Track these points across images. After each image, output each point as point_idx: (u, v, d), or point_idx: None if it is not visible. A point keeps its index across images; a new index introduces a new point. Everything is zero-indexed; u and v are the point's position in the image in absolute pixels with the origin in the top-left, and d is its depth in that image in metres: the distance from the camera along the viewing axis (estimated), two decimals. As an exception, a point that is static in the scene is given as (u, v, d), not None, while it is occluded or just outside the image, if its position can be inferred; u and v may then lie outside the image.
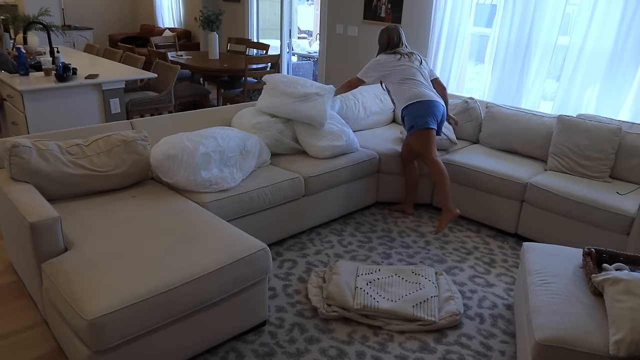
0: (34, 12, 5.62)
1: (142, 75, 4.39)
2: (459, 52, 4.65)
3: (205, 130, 2.97)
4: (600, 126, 3.33)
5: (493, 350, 2.36)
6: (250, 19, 7.35)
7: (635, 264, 2.19)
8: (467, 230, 3.56)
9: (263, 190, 2.96)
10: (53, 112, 3.72)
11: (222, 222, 2.45)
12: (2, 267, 2.84)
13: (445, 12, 4.62)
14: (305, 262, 3.04)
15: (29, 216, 2.05)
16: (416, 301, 2.54)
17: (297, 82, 3.47)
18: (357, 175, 3.53)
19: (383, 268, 2.84)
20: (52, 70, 3.93)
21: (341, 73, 5.97)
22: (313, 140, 3.42)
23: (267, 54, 6.23)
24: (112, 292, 1.85)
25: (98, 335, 1.78)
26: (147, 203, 2.60)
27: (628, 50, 3.60)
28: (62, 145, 2.59)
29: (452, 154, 3.73)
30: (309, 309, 2.59)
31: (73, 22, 8.77)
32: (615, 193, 3.08)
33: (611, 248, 2.89)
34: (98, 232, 2.26)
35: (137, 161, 2.75)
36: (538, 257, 2.37)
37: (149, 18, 9.44)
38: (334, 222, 3.58)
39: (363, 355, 2.28)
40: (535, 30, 4.04)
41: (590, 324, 1.90)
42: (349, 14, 5.70)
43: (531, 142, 3.66)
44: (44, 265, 2.08)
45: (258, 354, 2.27)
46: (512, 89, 4.28)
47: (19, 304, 2.54)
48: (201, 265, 2.07)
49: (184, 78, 6.31)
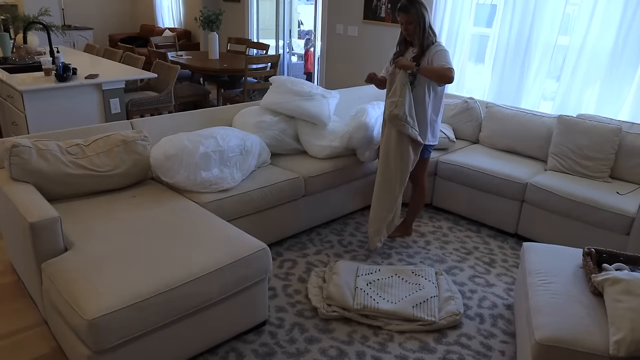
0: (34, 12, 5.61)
1: (142, 75, 4.39)
2: (459, 52, 4.65)
3: (205, 130, 2.97)
4: (600, 126, 3.33)
5: (493, 350, 2.36)
6: (250, 19, 7.35)
7: (635, 264, 2.19)
8: (467, 230, 3.56)
9: (263, 190, 2.96)
10: (53, 112, 3.71)
11: (222, 222, 2.45)
12: (2, 267, 2.84)
13: (445, 12, 4.62)
14: (305, 262, 3.04)
15: (29, 216, 2.05)
16: (416, 301, 2.54)
17: (304, 83, 3.51)
18: (357, 175, 3.53)
19: (383, 268, 2.84)
20: (52, 70, 3.92)
21: (341, 73, 5.98)
22: (313, 139, 3.42)
23: (267, 54, 6.23)
24: (112, 292, 1.86)
25: (98, 335, 1.78)
26: (147, 203, 2.60)
27: (628, 50, 3.60)
28: (62, 145, 2.59)
29: (452, 153, 3.73)
30: (309, 309, 2.58)
31: (73, 22, 8.76)
32: (615, 193, 3.08)
33: (611, 248, 2.88)
34: (98, 232, 2.26)
35: (137, 161, 2.75)
36: (538, 257, 2.38)
37: (149, 18, 9.43)
38: (334, 222, 3.58)
39: (363, 355, 2.28)
40: (535, 30, 4.04)
41: (590, 324, 1.90)
42: (349, 14, 5.70)
43: (531, 142, 3.66)
44: (44, 265, 2.08)
45: (258, 354, 2.27)
46: (512, 89, 4.27)
47: (19, 304, 2.54)
48: (201, 265, 2.07)
49: (184, 78, 6.31)
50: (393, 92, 2.85)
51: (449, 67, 2.79)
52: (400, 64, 2.83)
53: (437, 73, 2.80)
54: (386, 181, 2.98)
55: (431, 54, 2.85)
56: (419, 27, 2.85)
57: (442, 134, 3.75)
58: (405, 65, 2.82)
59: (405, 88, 2.82)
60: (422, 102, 2.95)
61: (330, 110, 3.50)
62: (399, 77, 2.83)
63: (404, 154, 2.92)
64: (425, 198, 3.29)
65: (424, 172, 3.21)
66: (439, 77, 2.82)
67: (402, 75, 2.82)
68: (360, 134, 3.31)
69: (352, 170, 3.46)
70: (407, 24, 2.87)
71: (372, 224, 3.08)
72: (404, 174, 2.97)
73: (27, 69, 4.49)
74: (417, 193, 3.26)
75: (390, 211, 3.04)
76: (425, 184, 3.24)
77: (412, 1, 2.82)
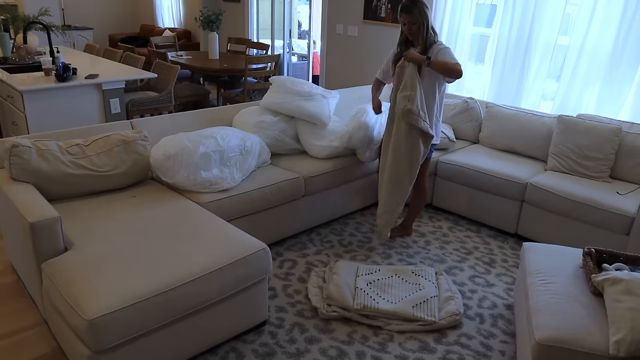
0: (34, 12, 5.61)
1: (142, 75, 4.39)
2: (459, 52, 4.64)
3: (205, 130, 2.97)
4: (600, 126, 3.33)
5: (493, 350, 2.36)
6: (250, 19, 7.35)
7: (635, 264, 2.19)
8: (467, 230, 3.56)
9: (263, 190, 2.96)
10: (53, 112, 3.71)
11: (222, 222, 2.45)
12: (2, 267, 2.84)
13: (445, 12, 4.62)
14: (305, 262, 3.04)
15: (29, 216, 2.05)
16: (416, 301, 2.54)
17: (304, 83, 3.51)
18: (357, 175, 3.53)
19: (383, 268, 2.84)
20: (52, 70, 3.93)
21: (341, 73, 5.98)
22: (313, 139, 3.42)
23: (267, 54, 6.23)
24: (112, 292, 1.85)
25: (98, 335, 1.78)
26: (147, 203, 2.60)
27: (628, 50, 3.60)
28: (62, 145, 2.59)
29: (452, 153, 3.73)
30: (309, 309, 2.58)
31: (73, 22, 8.77)
32: (615, 193, 3.08)
33: (611, 248, 2.88)
34: (98, 232, 2.26)
35: (137, 161, 2.75)
36: (538, 257, 2.37)
37: (149, 18, 9.44)
38: (334, 222, 3.58)
39: (363, 355, 2.28)
40: (535, 30, 4.04)
41: (590, 324, 1.90)
42: (349, 14, 5.70)
43: (531, 142, 3.66)
44: (44, 265, 2.08)
45: (258, 354, 2.27)
46: (512, 89, 4.27)
47: (19, 304, 2.54)
48: (201, 265, 2.07)
49: (184, 78, 6.31)
50: (404, 87, 2.81)
51: (457, 62, 2.79)
52: (410, 57, 2.80)
53: (448, 67, 2.77)
54: (398, 175, 2.96)
55: (434, 53, 2.84)
56: (422, 27, 2.84)
57: (442, 134, 3.75)
58: (415, 59, 2.79)
59: (416, 81, 2.79)
60: (429, 100, 2.94)
61: (330, 110, 3.50)
62: (408, 71, 2.80)
63: (414, 147, 2.90)
64: (426, 198, 3.29)
65: (426, 171, 3.20)
66: (449, 72, 2.79)
67: (412, 68, 2.79)
68: (360, 134, 3.31)
69: (352, 170, 3.46)
70: (410, 25, 2.86)
71: (382, 216, 3.08)
72: (414, 167, 2.95)
73: (27, 69, 4.49)
74: (419, 193, 3.26)
75: (400, 204, 3.03)
76: (426, 184, 3.24)
77: (414, 1, 2.82)
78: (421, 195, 3.26)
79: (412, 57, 2.80)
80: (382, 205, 3.06)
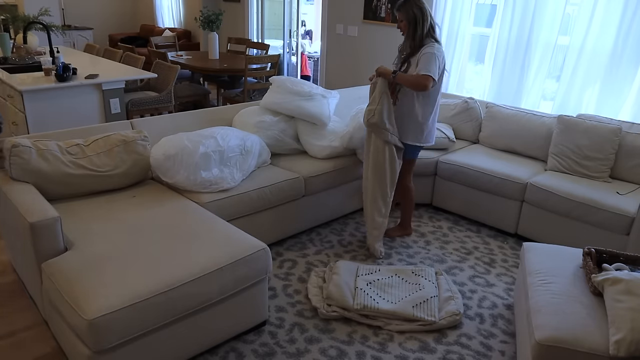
0: (34, 12, 5.61)
1: (142, 75, 4.39)
2: (459, 52, 4.65)
3: (205, 130, 2.97)
4: (600, 126, 3.33)
5: (493, 350, 2.36)
6: (250, 19, 7.34)
7: (635, 264, 2.19)
8: (467, 230, 3.56)
9: (263, 190, 2.96)
10: (53, 112, 3.71)
11: (222, 222, 2.45)
12: (2, 267, 2.84)
13: (445, 12, 4.62)
14: (305, 262, 3.04)
15: (29, 216, 2.06)
16: (416, 301, 2.54)
17: (304, 83, 3.51)
18: (357, 175, 3.52)
19: (383, 268, 2.84)
20: (52, 70, 3.93)
21: (341, 73, 5.98)
22: (313, 139, 3.42)
23: (267, 54, 6.23)
24: (112, 292, 1.85)
25: (98, 335, 1.78)
26: (147, 203, 2.60)
27: (628, 51, 3.60)
28: (62, 145, 2.59)
29: (452, 153, 3.73)
30: (309, 309, 2.59)
31: (73, 22, 8.77)
32: (615, 193, 3.08)
33: (611, 248, 2.89)
34: (98, 232, 2.26)
35: (137, 161, 2.75)
36: (538, 257, 2.37)
37: (149, 18, 9.44)
38: (334, 222, 3.58)
39: (363, 355, 2.28)
40: (535, 30, 4.05)
41: (590, 324, 1.90)
42: (349, 14, 5.71)
43: (531, 142, 3.66)
44: (44, 265, 2.08)
45: (258, 354, 2.27)
46: (512, 89, 4.27)
47: (19, 304, 2.54)
48: (201, 265, 2.07)
49: (184, 78, 6.31)
50: (372, 100, 2.91)
51: (425, 74, 2.73)
52: (379, 71, 2.90)
53: (411, 82, 2.79)
54: (380, 188, 3.00)
55: (419, 56, 2.84)
56: (410, 25, 2.87)
57: (442, 134, 3.75)
58: (383, 73, 2.88)
59: (384, 96, 2.86)
60: (410, 105, 2.95)
61: (330, 110, 3.50)
62: (378, 85, 2.89)
63: (392, 158, 2.95)
64: (412, 195, 3.27)
65: (407, 174, 3.18)
66: (413, 86, 2.80)
67: (381, 82, 2.88)
68: (360, 134, 3.31)
69: (352, 170, 3.46)
70: (399, 22, 2.93)
71: (371, 233, 3.11)
72: (393, 178, 3.01)
73: (27, 69, 4.49)
74: (404, 193, 3.24)
75: (385, 217, 3.08)
76: (409, 184, 3.22)
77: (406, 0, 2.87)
78: (407, 195, 3.26)
79: (381, 72, 2.88)
80: (369, 221, 3.09)
